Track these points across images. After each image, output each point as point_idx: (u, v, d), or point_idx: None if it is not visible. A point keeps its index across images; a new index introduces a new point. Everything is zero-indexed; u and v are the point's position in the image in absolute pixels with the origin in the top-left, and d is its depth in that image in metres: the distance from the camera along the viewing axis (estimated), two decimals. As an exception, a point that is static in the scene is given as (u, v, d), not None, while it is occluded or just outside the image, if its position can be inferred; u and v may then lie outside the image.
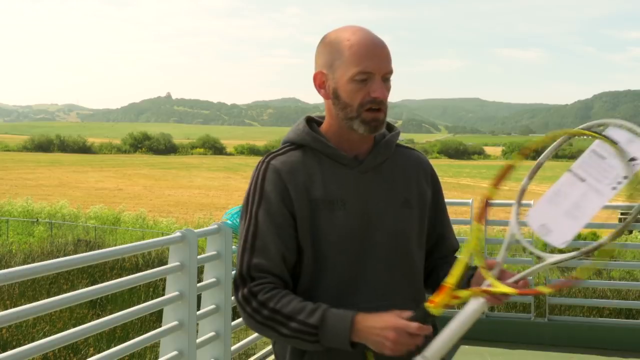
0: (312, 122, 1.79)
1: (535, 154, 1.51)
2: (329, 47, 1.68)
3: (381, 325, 1.51)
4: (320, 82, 1.71)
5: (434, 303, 1.53)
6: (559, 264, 1.51)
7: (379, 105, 1.64)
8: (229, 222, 3.33)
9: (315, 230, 1.65)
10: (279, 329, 1.58)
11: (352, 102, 1.64)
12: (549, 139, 1.51)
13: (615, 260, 15.97)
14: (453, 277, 1.54)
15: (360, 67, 1.62)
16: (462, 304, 1.56)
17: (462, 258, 1.55)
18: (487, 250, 5.64)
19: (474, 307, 1.53)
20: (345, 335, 1.53)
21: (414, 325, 1.50)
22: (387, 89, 1.66)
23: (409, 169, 1.78)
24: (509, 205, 1.63)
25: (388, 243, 1.68)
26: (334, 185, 1.68)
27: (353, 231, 1.66)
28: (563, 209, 1.55)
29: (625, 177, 1.50)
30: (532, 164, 1.60)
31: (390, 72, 1.66)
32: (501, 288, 1.47)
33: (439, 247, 1.81)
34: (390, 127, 1.81)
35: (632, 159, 1.52)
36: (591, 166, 1.58)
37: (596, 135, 1.46)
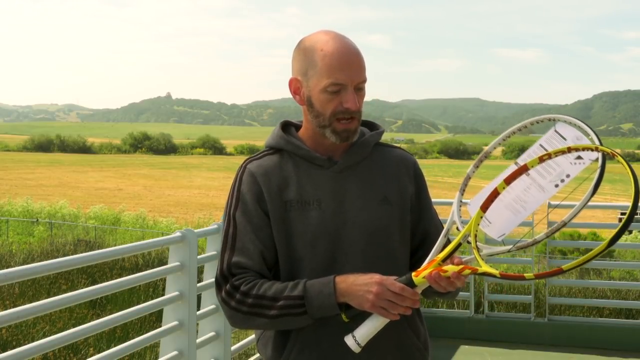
0: (291, 126, 1.82)
1: (548, 159, 1.51)
2: (303, 54, 1.71)
3: (365, 280, 1.57)
4: (295, 89, 1.74)
5: (418, 273, 1.56)
6: (493, 256, 1.56)
7: (351, 115, 1.67)
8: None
9: (289, 231, 1.69)
10: (266, 312, 1.63)
11: (324, 112, 1.68)
12: (560, 150, 1.51)
13: (615, 260, 15.98)
14: (443, 253, 1.58)
15: (332, 79, 1.65)
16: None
17: (457, 238, 1.59)
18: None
19: None
20: (330, 298, 1.58)
21: (398, 285, 1.55)
22: (361, 97, 1.69)
23: (389, 167, 1.79)
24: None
25: (366, 241, 1.70)
26: (308, 186, 1.71)
27: (328, 230, 1.68)
28: (505, 201, 1.58)
29: (568, 176, 1.53)
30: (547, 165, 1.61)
31: (363, 81, 1.69)
32: (485, 268, 1.49)
33: (425, 243, 1.80)
34: (373, 127, 1.83)
35: (579, 157, 1.54)
36: None
37: (599, 148, 1.44)
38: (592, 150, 1.46)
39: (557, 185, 1.54)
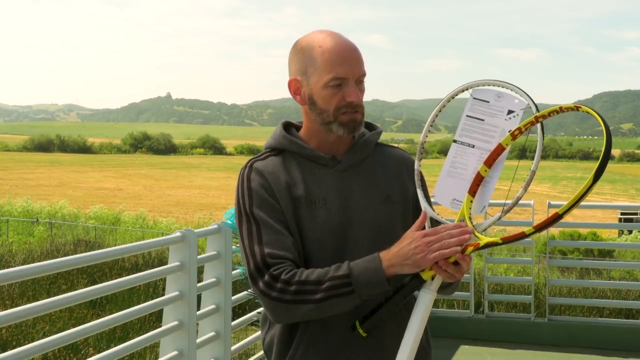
0: (291, 127, 1.83)
1: (520, 134, 1.57)
2: (301, 54, 1.71)
3: (405, 242, 1.56)
4: (295, 89, 1.74)
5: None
6: (487, 228, 1.59)
7: (355, 109, 1.68)
8: (229, 222, 3.33)
9: (298, 228, 1.68)
10: (311, 297, 1.58)
11: (328, 108, 1.69)
12: (529, 122, 1.57)
13: (615, 260, 15.98)
14: None
15: (334, 74, 1.66)
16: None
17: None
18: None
19: (425, 302, 1.59)
20: (378, 272, 1.55)
21: (431, 229, 1.56)
22: (362, 91, 1.71)
23: (390, 166, 1.81)
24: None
25: (371, 239, 1.71)
26: (314, 185, 1.71)
27: (334, 228, 1.69)
28: (466, 179, 1.61)
29: (510, 131, 1.58)
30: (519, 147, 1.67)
31: (363, 75, 1.70)
32: (485, 239, 1.53)
33: None
34: (371, 127, 1.85)
35: (510, 112, 1.59)
36: (474, 131, 1.64)
37: (584, 109, 1.48)
38: (557, 112, 1.50)
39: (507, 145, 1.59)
